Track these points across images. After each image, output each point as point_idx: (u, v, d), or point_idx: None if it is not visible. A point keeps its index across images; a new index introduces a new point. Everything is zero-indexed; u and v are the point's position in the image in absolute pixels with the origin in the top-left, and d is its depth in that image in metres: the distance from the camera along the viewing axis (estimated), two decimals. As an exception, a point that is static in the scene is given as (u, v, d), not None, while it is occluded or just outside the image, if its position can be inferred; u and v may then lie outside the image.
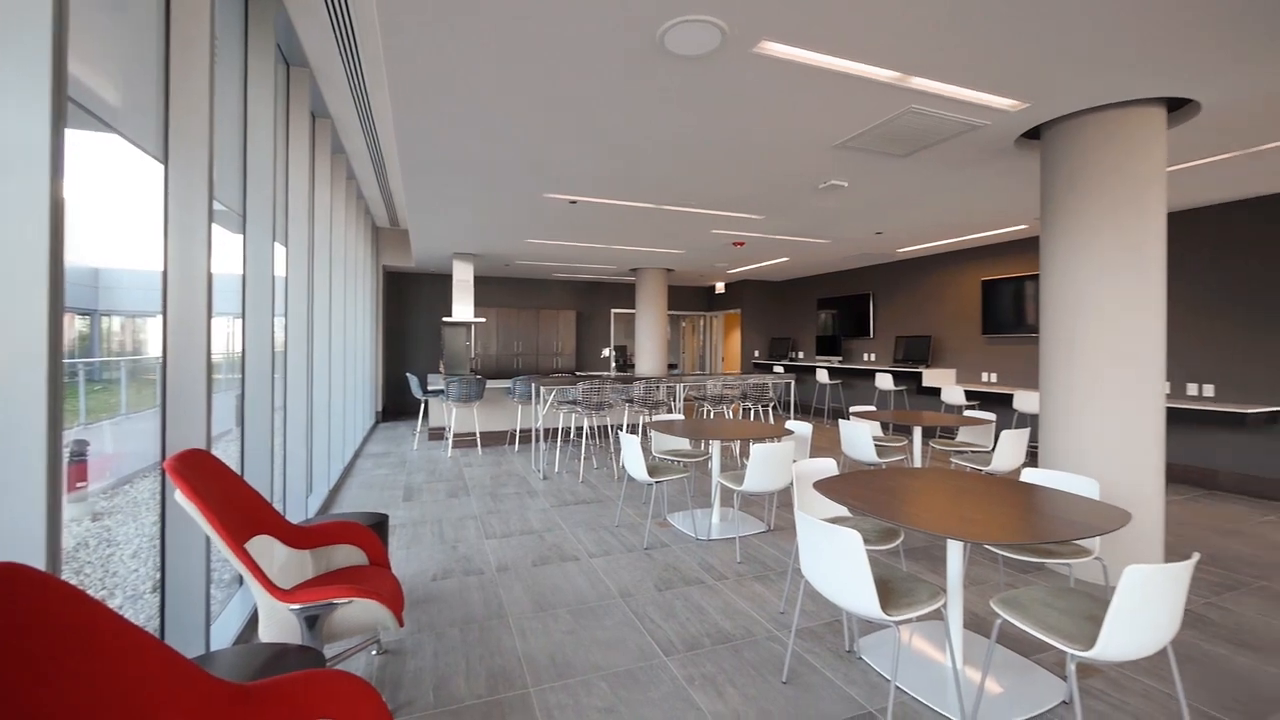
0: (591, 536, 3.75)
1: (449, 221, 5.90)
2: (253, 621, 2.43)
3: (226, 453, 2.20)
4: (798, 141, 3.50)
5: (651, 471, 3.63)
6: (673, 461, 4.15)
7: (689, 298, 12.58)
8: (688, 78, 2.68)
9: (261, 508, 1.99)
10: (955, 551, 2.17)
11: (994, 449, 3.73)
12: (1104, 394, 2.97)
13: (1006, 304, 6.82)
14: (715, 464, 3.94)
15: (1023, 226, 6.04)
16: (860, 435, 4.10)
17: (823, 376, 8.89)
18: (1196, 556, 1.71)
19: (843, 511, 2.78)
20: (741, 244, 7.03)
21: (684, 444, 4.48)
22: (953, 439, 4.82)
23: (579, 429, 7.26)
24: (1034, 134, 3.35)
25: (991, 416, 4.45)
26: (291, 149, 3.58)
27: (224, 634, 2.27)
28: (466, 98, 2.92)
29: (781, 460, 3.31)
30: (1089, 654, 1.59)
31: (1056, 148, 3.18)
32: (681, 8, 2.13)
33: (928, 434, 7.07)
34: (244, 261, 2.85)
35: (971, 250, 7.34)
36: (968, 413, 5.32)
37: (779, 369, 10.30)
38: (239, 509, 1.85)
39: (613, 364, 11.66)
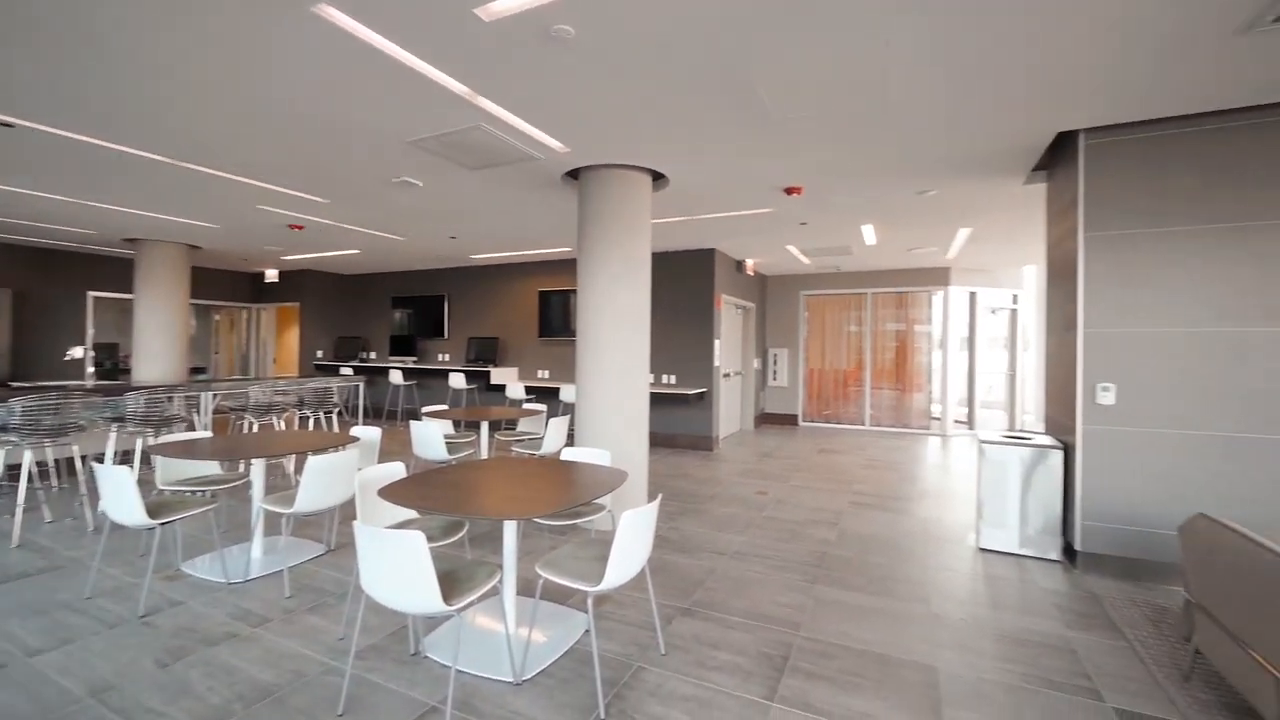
0: (36, 625, 2.55)
1: None
2: None
3: None
4: (368, 129, 3.28)
5: (155, 511, 2.73)
6: (191, 493, 3.24)
7: (227, 284, 10.06)
8: (229, 19, 2.14)
9: None
10: (510, 530, 2.45)
11: (545, 435, 4.39)
12: (613, 383, 3.89)
13: (558, 311, 8.14)
14: (258, 487, 3.28)
15: (568, 249, 7.33)
16: (431, 435, 4.15)
17: (396, 378, 8.60)
18: (660, 497, 2.44)
19: (413, 514, 2.75)
20: (300, 228, 6.09)
21: (212, 468, 3.56)
22: (514, 430, 5.43)
23: (10, 467, 4.76)
24: (575, 174, 4.11)
25: (543, 407, 5.23)
26: None
27: None
28: None
29: (343, 471, 3.03)
30: (600, 587, 2.06)
31: (588, 189, 3.99)
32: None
33: (495, 427, 7.75)
34: None
35: (533, 263, 8.45)
36: (526, 405, 6.09)
37: (347, 371, 9.40)
38: None
39: (90, 368, 8.25)
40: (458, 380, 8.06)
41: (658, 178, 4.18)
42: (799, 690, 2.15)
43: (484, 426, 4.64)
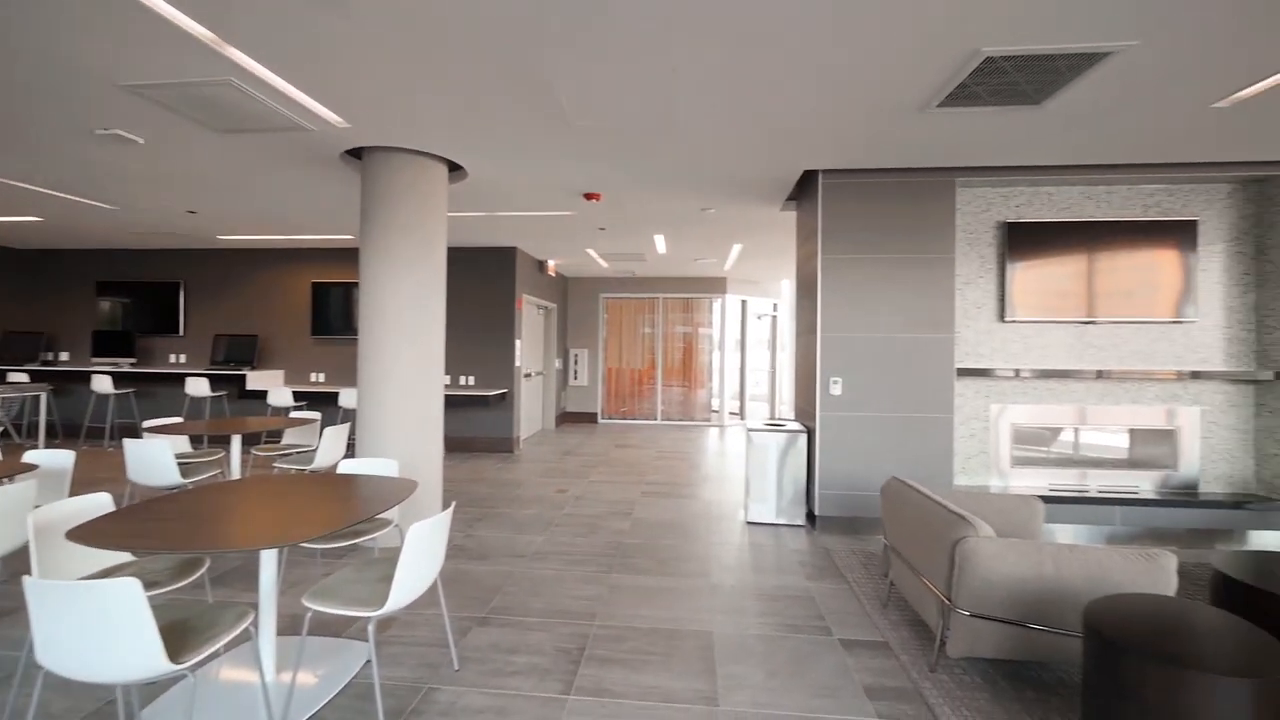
0: None
1: None
2: None
3: None
4: (59, 60, 2.49)
5: None
6: None
7: None
8: None
9: None
10: (268, 561, 2.09)
11: (318, 447, 3.85)
12: (402, 386, 3.59)
13: (337, 306, 7.19)
14: None
15: (350, 236, 6.53)
16: (155, 455, 3.34)
17: (103, 385, 6.71)
18: (454, 505, 2.32)
19: (127, 557, 2.18)
20: (-73, 177, 4.38)
21: None
22: (278, 442, 4.66)
23: None
24: (359, 154, 3.67)
25: (317, 415, 4.59)
26: None
27: None
28: None
29: (7, 513, 2.27)
30: (382, 610, 1.88)
31: (375, 173, 3.60)
32: None
33: (252, 441, 6.56)
34: None
35: (305, 251, 7.33)
36: (295, 414, 5.28)
37: (20, 377, 7.05)
38: None
39: None
40: (198, 387, 6.62)
41: (455, 168, 3.97)
42: (594, 678, 2.24)
43: (235, 441, 3.89)
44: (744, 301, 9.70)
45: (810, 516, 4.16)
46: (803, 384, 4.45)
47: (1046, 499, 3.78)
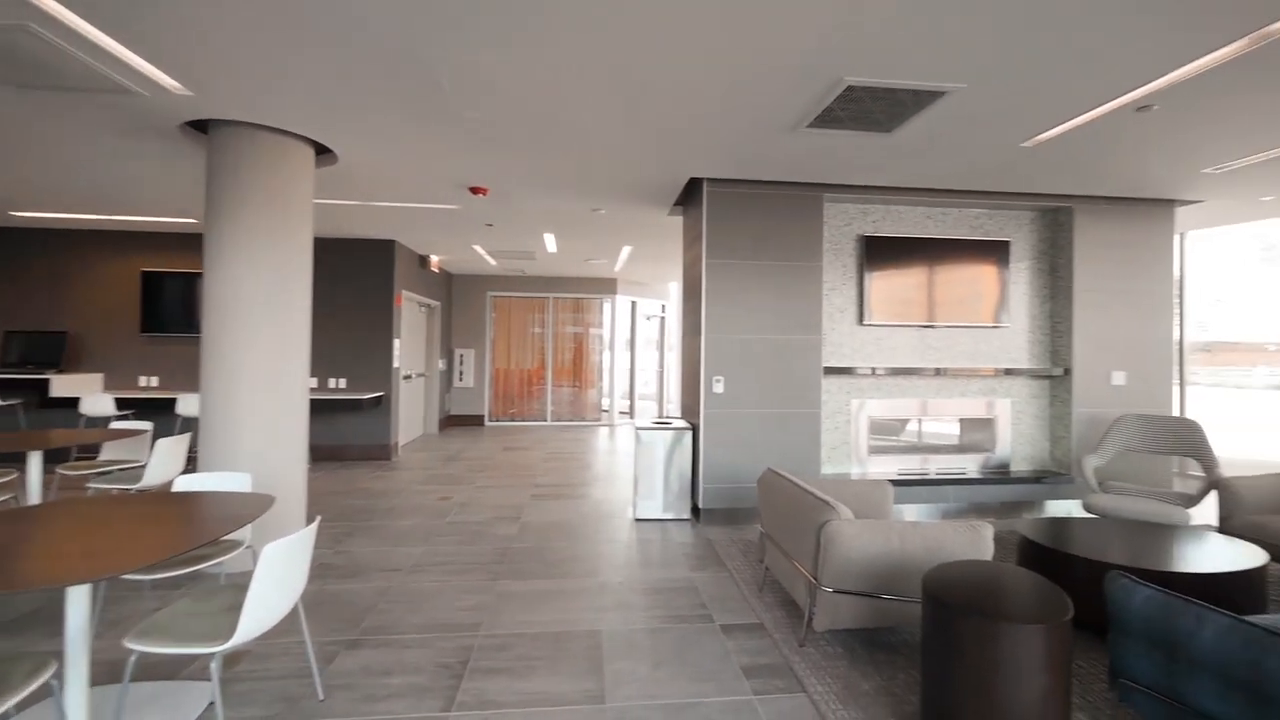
0: None
1: None
2: None
3: None
4: None
5: None
6: None
7: None
8: None
9: None
10: (77, 599, 1.77)
11: (149, 463, 3.33)
12: (257, 390, 3.21)
13: (174, 299, 6.26)
14: None
15: (193, 220, 5.71)
16: (-83, 478, 2.69)
17: None
18: (319, 520, 2.12)
19: None
20: None
21: None
22: (94, 459, 3.96)
23: None
24: (204, 127, 3.22)
25: (148, 425, 3.97)
26: None
27: None
28: None
29: None
30: (229, 644, 1.67)
31: (224, 149, 3.18)
32: None
33: (58, 458, 5.52)
34: None
35: (132, 234, 6.28)
36: (118, 424, 4.52)
37: None
38: None
39: None
40: (-19, 393, 5.44)
41: (325, 151, 3.63)
42: (478, 691, 2.16)
43: (34, 459, 3.24)
44: (634, 302, 9.88)
45: (695, 510, 4.34)
46: (689, 383, 4.63)
47: (896, 482, 4.26)
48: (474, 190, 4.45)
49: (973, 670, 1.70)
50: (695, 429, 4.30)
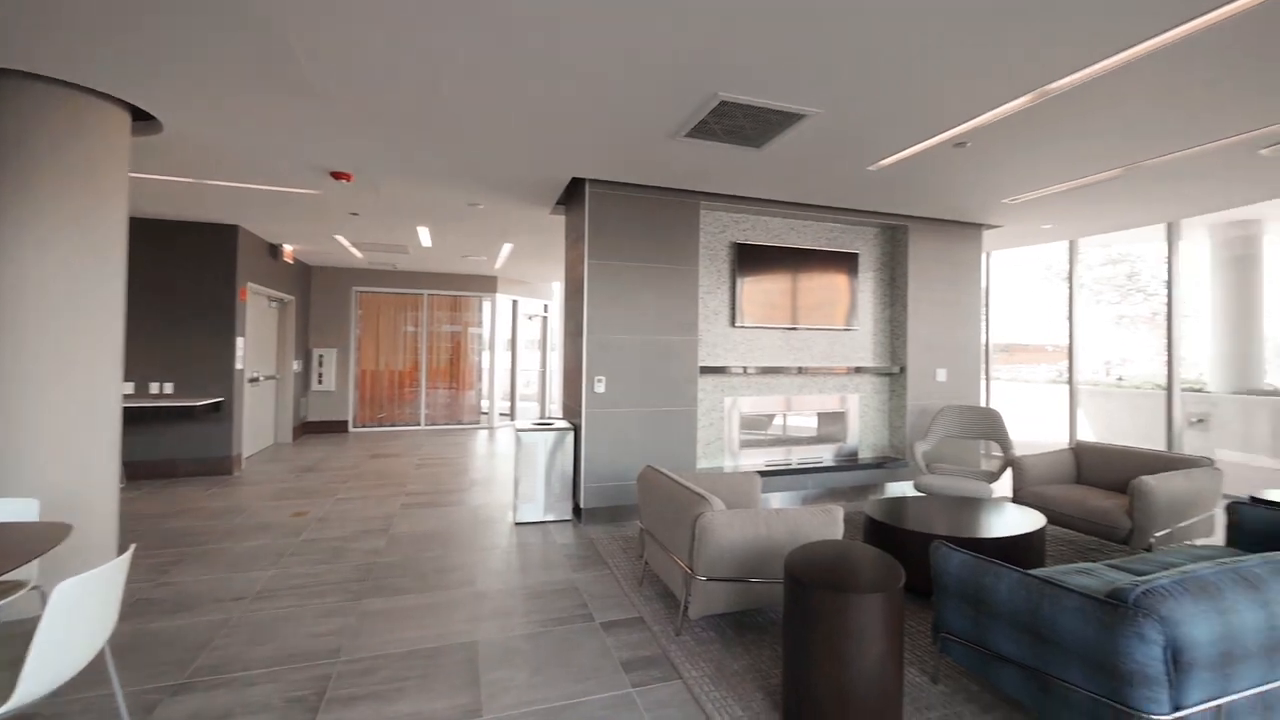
0: None
1: None
2: None
3: None
4: None
5: None
6: None
7: None
8: None
9: None
10: None
11: (-118, 490, 2.61)
12: (49, 398, 2.67)
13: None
14: None
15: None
16: None
17: None
18: (133, 549, 1.81)
19: None
20: None
21: None
22: None
23: None
24: (-47, 72, 2.60)
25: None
26: None
27: None
28: None
29: None
30: (8, 707, 1.37)
31: (5, 109, 2.59)
32: None
33: None
34: None
35: None
36: None
37: None
38: None
39: None
40: None
41: (145, 118, 3.10)
42: (337, 720, 1.98)
43: None
44: (515, 301, 9.63)
45: (577, 510, 4.33)
46: (570, 383, 4.61)
47: (764, 473, 4.58)
48: (337, 175, 4.07)
49: (825, 639, 1.88)
50: (577, 429, 4.29)
